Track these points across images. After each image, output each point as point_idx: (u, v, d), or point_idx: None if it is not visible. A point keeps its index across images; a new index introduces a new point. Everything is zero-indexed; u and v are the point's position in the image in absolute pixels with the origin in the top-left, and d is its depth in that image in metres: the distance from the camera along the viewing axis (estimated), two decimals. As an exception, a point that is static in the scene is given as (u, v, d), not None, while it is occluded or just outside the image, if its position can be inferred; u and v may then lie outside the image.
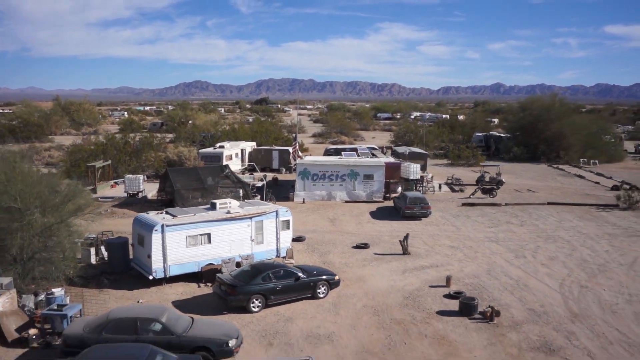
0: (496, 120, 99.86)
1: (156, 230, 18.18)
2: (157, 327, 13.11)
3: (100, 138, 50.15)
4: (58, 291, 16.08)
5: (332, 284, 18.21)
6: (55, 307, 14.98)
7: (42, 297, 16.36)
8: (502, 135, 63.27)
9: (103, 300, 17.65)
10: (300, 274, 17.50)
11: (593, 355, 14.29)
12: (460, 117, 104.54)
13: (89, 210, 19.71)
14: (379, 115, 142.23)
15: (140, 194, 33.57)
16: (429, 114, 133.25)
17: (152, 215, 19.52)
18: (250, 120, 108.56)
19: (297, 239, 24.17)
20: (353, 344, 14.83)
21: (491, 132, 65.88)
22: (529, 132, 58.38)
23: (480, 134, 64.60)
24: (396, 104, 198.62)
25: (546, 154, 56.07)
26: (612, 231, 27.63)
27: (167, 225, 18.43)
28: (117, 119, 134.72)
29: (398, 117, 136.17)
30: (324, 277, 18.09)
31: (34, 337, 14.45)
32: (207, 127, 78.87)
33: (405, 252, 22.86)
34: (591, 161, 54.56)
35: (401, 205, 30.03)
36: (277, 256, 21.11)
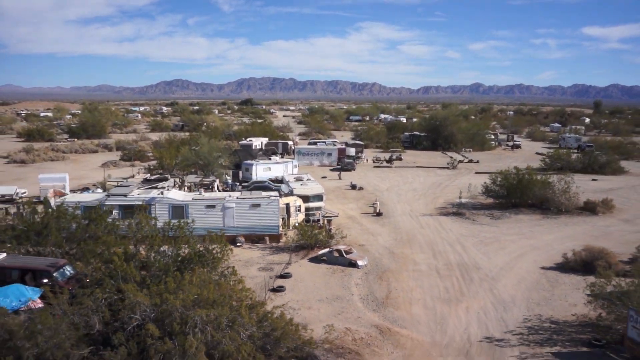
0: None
1: (254, 165, 57.78)
2: (269, 184, 52.78)
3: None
4: (229, 177, 55.67)
5: (311, 182, 58.07)
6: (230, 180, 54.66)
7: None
8: (420, 134, 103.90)
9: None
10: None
11: (381, 195, 54.44)
12: (415, 120, 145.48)
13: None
14: (351, 118, 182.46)
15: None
16: (390, 117, 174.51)
17: (250, 160, 59.24)
18: (247, 121, 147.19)
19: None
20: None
21: (414, 132, 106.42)
22: (434, 132, 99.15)
23: (407, 134, 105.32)
24: (368, 105, 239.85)
25: (442, 146, 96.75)
26: (429, 174, 68.10)
27: (257, 164, 58.10)
28: (134, 119, 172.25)
29: (367, 119, 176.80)
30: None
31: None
32: (223, 127, 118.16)
33: (339, 178, 62.93)
34: (468, 150, 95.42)
35: (342, 164, 70.19)
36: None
